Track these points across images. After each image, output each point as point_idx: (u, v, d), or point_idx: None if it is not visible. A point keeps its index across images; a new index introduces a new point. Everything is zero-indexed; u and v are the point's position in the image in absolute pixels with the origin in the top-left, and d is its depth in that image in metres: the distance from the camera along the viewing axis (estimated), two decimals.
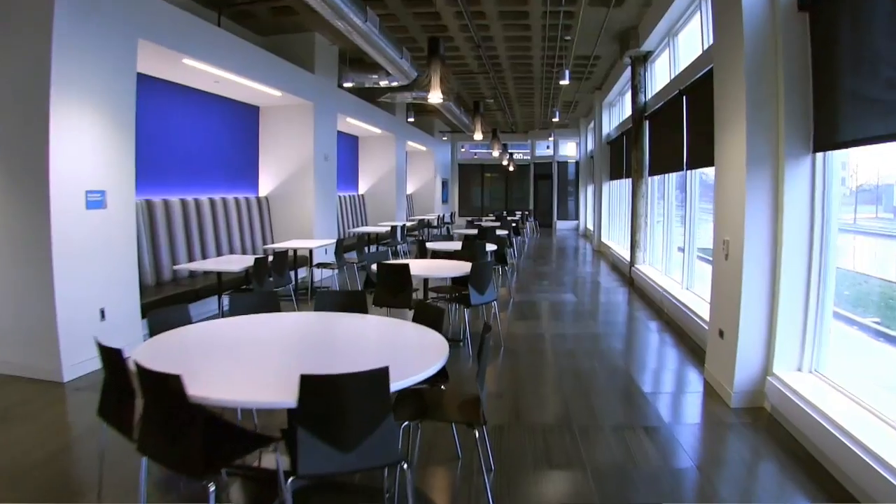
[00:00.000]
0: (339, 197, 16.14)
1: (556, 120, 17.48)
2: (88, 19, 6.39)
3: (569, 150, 28.23)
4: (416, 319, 4.52)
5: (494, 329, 8.00)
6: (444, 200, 27.40)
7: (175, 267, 8.40)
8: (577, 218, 27.05)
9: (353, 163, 18.11)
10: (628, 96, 14.70)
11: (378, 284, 7.06)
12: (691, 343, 7.52)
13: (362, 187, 18.50)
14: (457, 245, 10.12)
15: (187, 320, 4.43)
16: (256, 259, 7.96)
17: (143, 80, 8.88)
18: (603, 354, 7.14)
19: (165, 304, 8.08)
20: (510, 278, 12.40)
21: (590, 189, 23.51)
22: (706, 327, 7.09)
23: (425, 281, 7.41)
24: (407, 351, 3.86)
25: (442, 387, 4.25)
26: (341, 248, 10.55)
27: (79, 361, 6.31)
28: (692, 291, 8.98)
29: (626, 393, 5.87)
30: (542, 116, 23.07)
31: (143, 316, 7.61)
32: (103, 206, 6.86)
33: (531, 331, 8.15)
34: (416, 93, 15.36)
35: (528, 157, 29.10)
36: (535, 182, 29.04)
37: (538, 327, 8.36)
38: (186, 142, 10.20)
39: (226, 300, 8.63)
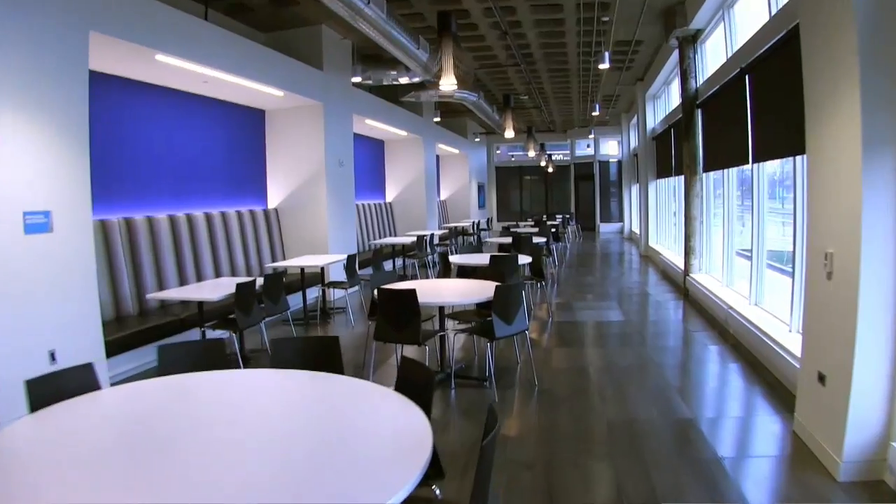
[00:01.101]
0: (363, 206, 14.81)
1: (595, 114, 15.81)
2: (22, 6, 5.15)
3: (610, 148, 26.49)
4: (399, 384, 3.13)
5: (528, 362, 6.53)
6: (481, 206, 25.94)
7: (148, 296, 7.08)
8: (620, 220, 25.27)
9: (379, 168, 16.78)
10: (675, 84, 13.10)
11: (380, 314, 5.67)
12: (768, 377, 5.95)
13: (390, 194, 17.16)
14: (487, 257, 8.73)
15: (90, 385, 3.14)
16: (239, 285, 6.61)
17: (109, 81, 7.71)
18: (660, 395, 5.59)
19: (135, 341, 6.83)
20: (549, 292, 10.93)
21: (634, 189, 21.83)
22: (787, 357, 5.57)
23: (441, 309, 6.00)
24: (359, 454, 2.39)
25: (435, 490, 2.87)
26: (354, 264, 9.19)
27: (17, 417, 5.00)
28: (762, 308, 7.40)
29: (696, 459, 4.35)
30: (580, 113, 21.45)
31: (111, 355, 6.41)
32: (48, 230, 5.64)
33: (572, 362, 6.65)
34: (439, 90, 13.96)
35: (568, 158, 27.47)
36: (576, 183, 27.38)
37: (581, 358, 6.84)
38: (176, 151, 8.98)
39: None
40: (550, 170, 25.83)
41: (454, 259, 8.61)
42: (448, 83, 7.03)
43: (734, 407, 5.48)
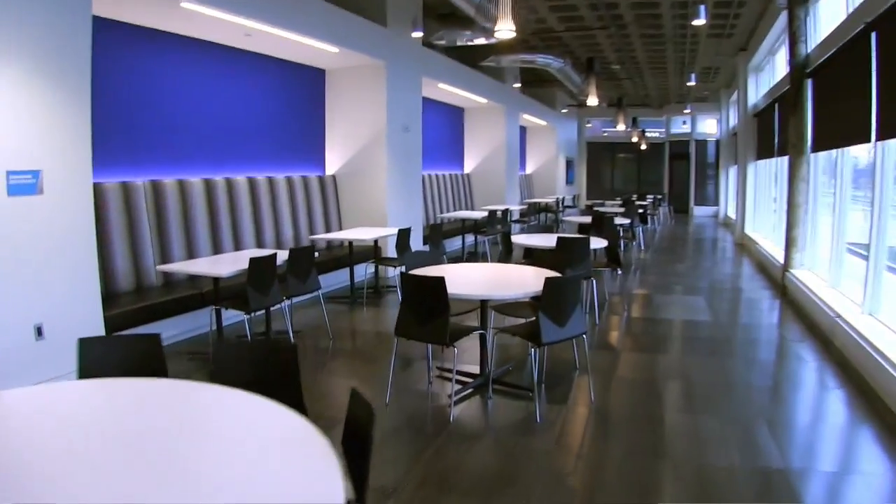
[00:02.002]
0: (436, 177, 13.75)
1: (691, 84, 14.09)
2: None
3: (708, 126, 24.44)
4: (346, 427, 2.09)
5: (589, 370, 5.33)
6: (570, 182, 24.48)
7: (159, 268, 6.23)
8: (716, 203, 23.25)
9: (457, 137, 15.66)
10: (782, 54, 11.45)
11: (403, 305, 4.62)
12: (884, 412, 4.52)
13: (468, 165, 16.04)
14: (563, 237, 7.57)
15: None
16: (252, 259, 5.68)
17: (139, 32, 6.89)
18: (745, 432, 4.25)
19: (139, 317, 6.02)
20: (629, 281, 9.64)
21: (732, 171, 19.96)
22: None
23: (484, 301, 4.89)
24: None
25: None
26: (406, 238, 8.15)
27: None
28: (879, 319, 5.94)
29: None
30: (676, 87, 19.63)
31: (111, 332, 5.62)
32: (36, 192, 4.91)
33: (642, 374, 5.40)
34: (521, 55, 12.74)
35: (663, 135, 25.64)
36: (671, 163, 25.50)
37: (653, 368, 5.57)
38: (217, 111, 8.14)
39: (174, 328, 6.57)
40: (643, 147, 24.07)
41: (518, 239, 7.45)
42: (506, 28, 5.80)
43: (836, 455, 4.14)
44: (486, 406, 4.67)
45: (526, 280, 4.79)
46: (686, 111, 22.45)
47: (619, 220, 10.73)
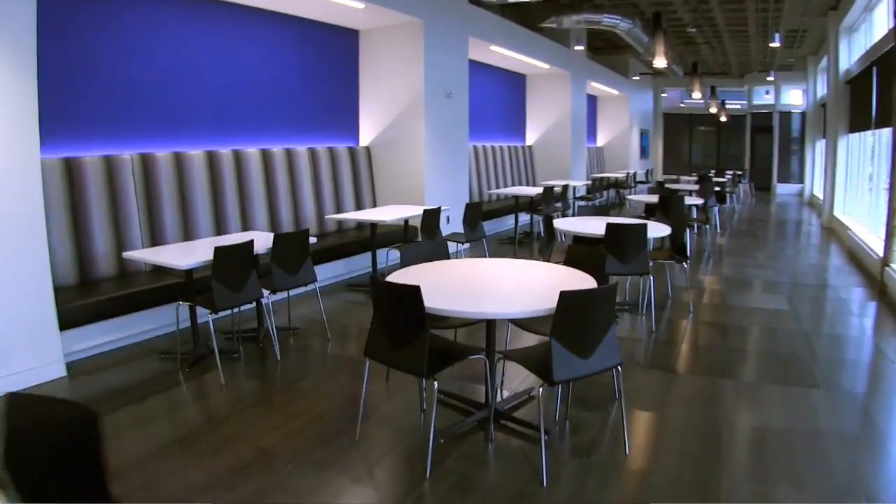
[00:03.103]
0: (493, 149, 12.43)
1: (775, 45, 12.05)
2: None
3: (793, 97, 22.02)
4: None
5: (623, 409, 4.00)
6: (644, 155, 22.67)
7: (125, 255, 5.20)
8: (801, 181, 20.90)
9: (518, 107, 14.26)
10: (881, 8, 9.65)
11: (374, 319, 3.43)
12: None
13: (530, 137, 14.64)
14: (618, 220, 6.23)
15: None
16: (218, 248, 4.59)
17: None
18: None
19: (110, 309, 5.10)
20: (700, 271, 8.21)
21: (819, 145, 17.87)
22: None
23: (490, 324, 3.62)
24: None
25: None
26: (434, 221, 6.94)
27: None
28: None
29: None
30: (759, 54, 17.52)
31: (65, 328, 4.72)
32: None
33: (700, 409, 4.02)
34: (584, 15, 11.26)
35: (744, 106, 23.43)
36: (752, 136, 23.20)
37: (717, 404, 4.12)
38: (227, 76, 7.11)
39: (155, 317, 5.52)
40: (723, 119, 21.96)
41: (563, 224, 6.13)
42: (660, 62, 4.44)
43: None
44: (486, 452, 3.46)
45: (547, 287, 3.54)
46: (769, 78, 20.15)
47: (690, 200, 9.24)
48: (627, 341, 5.25)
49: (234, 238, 5.28)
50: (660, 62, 8.62)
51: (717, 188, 11.65)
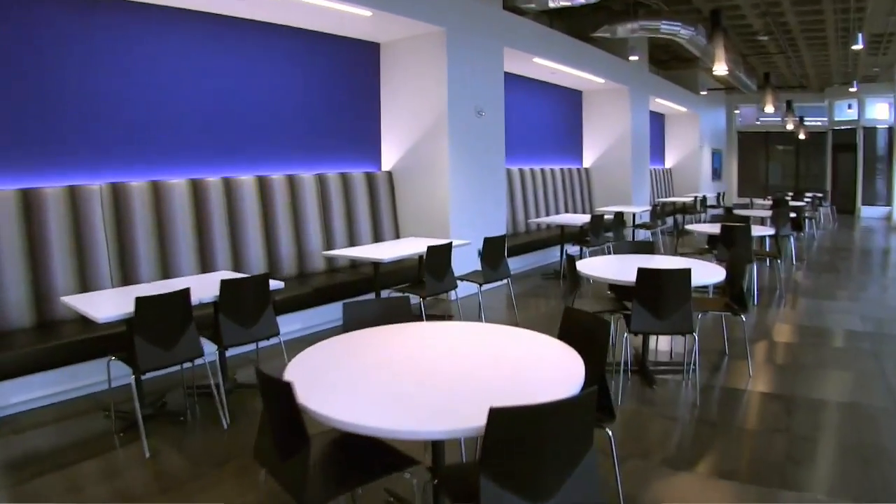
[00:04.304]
0: (544, 172, 11.34)
1: (858, 48, 10.43)
2: None
3: (878, 112, 20.00)
4: None
5: None
6: (717, 177, 21.04)
7: (63, 299, 4.39)
8: (888, 203, 18.81)
9: (574, 126, 13.11)
10: None
11: (262, 416, 2.43)
12: None
13: (587, 159, 13.45)
14: (652, 263, 5.07)
15: None
16: (141, 300, 3.72)
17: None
18: None
19: (48, 360, 4.39)
20: (768, 317, 6.95)
21: None
22: None
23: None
24: None
25: None
26: (442, 260, 5.91)
27: None
28: None
29: None
30: (840, 64, 15.81)
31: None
32: None
33: None
34: (640, 21, 10.11)
35: (825, 122, 21.37)
36: (834, 155, 21.16)
37: None
38: (224, 98, 6.41)
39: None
40: (802, 136, 20.10)
41: (587, 267, 4.98)
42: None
43: None
44: None
45: (510, 381, 2.49)
46: (852, 90, 18.17)
47: (760, 231, 7.94)
48: (659, 421, 4.09)
49: (180, 283, 4.38)
50: (720, 68, 7.37)
51: (793, 214, 10.22)
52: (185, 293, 3.94)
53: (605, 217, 9.22)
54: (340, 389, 2.33)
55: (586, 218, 8.96)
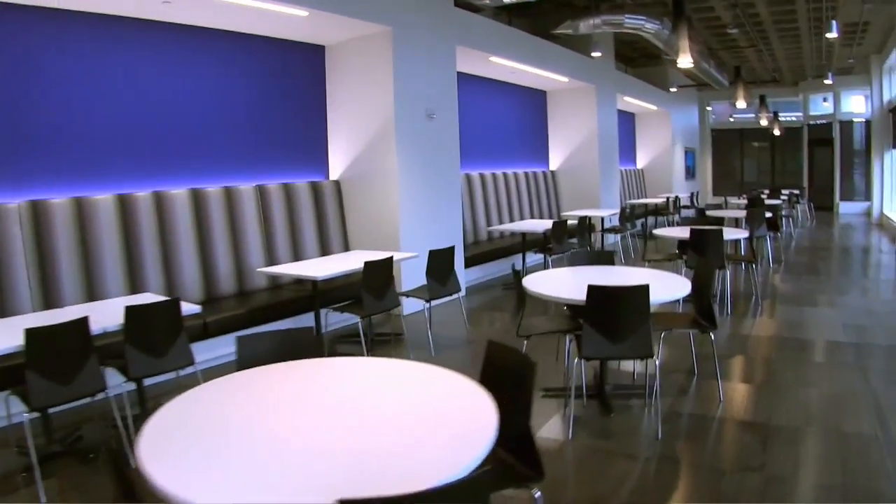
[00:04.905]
0: (510, 176, 10.87)
1: (832, 36, 9.99)
2: None
3: (854, 105, 19.73)
4: None
5: None
6: (690, 176, 20.68)
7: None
8: (867, 198, 18.55)
9: (539, 128, 12.66)
10: None
11: None
12: None
13: (554, 161, 12.99)
14: (609, 277, 4.59)
15: None
16: (30, 332, 3.23)
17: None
18: None
19: None
20: (742, 327, 6.52)
21: (888, 157, 15.82)
22: None
23: None
24: None
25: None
26: (381, 276, 5.39)
27: None
28: None
29: None
30: (814, 57, 15.47)
31: None
32: None
33: None
34: (602, 16, 9.68)
35: (801, 117, 21.08)
36: (810, 150, 20.86)
37: None
38: (152, 106, 5.91)
39: None
40: (777, 132, 19.77)
41: (534, 283, 4.48)
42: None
43: None
44: None
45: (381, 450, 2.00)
46: (827, 82, 17.78)
47: (733, 234, 7.49)
48: (614, 460, 3.60)
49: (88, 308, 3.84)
50: (684, 61, 6.89)
51: (769, 213, 9.82)
52: (83, 322, 3.52)
53: (569, 222, 8.75)
54: (190, 458, 1.83)
55: (548, 224, 8.47)
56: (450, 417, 2.14)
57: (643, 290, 3.67)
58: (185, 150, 6.18)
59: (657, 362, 3.95)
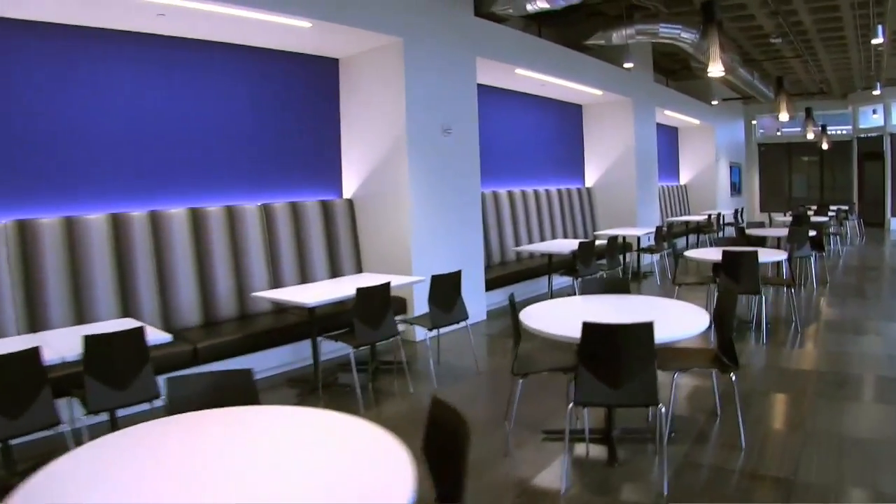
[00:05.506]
0: (542, 194, 10.46)
1: (878, 41, 9.22)
2: None
3: None
4: None
5: None
6: (736, 192, 19.89)
7: None
8: None
9: (574, 143, 12.21)
10: None
11: None
12: None
13: (590, 178, 12.52)
14: (619, 308, 4.16)
15: None
16: None
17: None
18: None
19: None
20: (777, 357, 5.98)
21: None
22: None
23: None
24: None
25: None
26: (373, 306, 5.04)
27: None
28: None
29: None
30: (863, 67, 14.64)
31: None
32: None
33: None
34: (636, 26, 9.24)
35: (850, 130, 20.05)
36: (860, 164, 19.87)
37: None
38: (153, 122, 5.75)
39: None
40: (825, 146, 18.92)
41: (533, 316, 4.08)
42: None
43: None
44: None
45: None
46: (875, 93, 16.79)
47: (769, 256, 6.96)
48: None
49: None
50: (715, 69, 6.39)
51: (814, 231, 9.17)
52: (34, 353, 3.31)
53: (599, 242, 8.30)
54: None
55: (575, 244, 8.03)
56: (356, 493, 1.76)
57: (646, 327, 3.23)
58: (185, 167, 5.96)
59: (663, 410, 3.49)
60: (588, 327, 3.26)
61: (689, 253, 7.27)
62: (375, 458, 1.95)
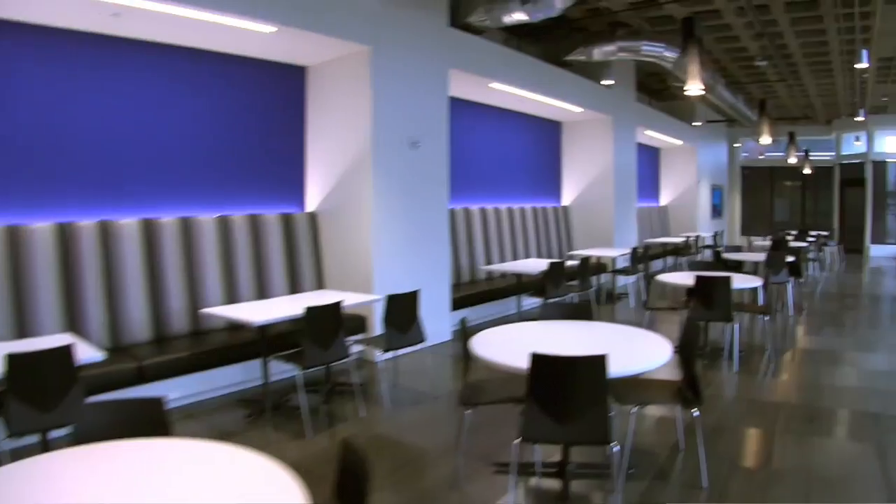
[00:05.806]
0: (515, 212, 10.26)
1: (862, 66, 9.23)
2: None
3: (889, 145, 18.77)
4: None
5: None
6: (717, 215, 19.84)
7: None
8: None
9: (551, 160, 12.04)
10: None
11: None
12: None
13: (567, 196, 12.34)
14: (578, 337, 3.95)
15: None
16: None
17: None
18: None
19: None
20: (749, 389, 5.79)
21: None
22: None
23: None
24: None
25: None
26: (329, 323, 4.81)
27: None
28: None
29: None
30: (847, 93, 14.69)
31: None
32: None
33: None
34: (618, 42, 9.11)
35: (832, 156, 20.15)
36: (842, 190, 19.97)
37: None
38: (104, 126, 5.42)
39: None
40: (807, 171, 18.89)
41: (483, 343, 3.86)
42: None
43: None
44: None
45: None
46: (858, 119, 16.83)
47: (743, 283, 6.80)
48: None
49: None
50: (694, 87, 6.23)
51: (792, 257, 9.05)
52: None
53: (571, 263, 8.11)
54: None
55: (544, 265, 7.83)
56: None
57: (599, 361, 3.03)
58: (138, 176, 5.71)
59: (616, 449, 3.27)
60: (537, 359, 3.04)
61: (663, 277, 7.08)
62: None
